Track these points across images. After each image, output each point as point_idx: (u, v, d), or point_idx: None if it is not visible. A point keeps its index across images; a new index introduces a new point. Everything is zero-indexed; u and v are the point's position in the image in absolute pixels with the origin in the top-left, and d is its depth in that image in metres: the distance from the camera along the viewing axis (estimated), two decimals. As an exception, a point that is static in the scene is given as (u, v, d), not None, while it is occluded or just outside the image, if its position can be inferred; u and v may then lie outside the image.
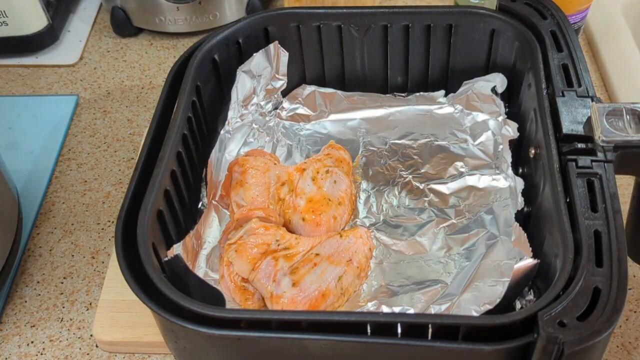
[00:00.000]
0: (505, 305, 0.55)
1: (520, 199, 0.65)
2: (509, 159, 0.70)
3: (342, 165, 0.72)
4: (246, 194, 0.67)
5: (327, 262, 0.61)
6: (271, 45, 0.75)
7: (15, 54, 0.96)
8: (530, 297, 0.58)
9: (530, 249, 0.58)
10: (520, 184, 0.67)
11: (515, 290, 0.56)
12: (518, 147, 0.70)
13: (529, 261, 0.55)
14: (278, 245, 0.63)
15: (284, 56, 0.76)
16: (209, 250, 0.66)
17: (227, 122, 0.73)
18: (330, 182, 0.69)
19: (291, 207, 0.67)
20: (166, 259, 0.55)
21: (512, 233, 0.64)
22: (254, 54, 0.74)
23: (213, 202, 0.70)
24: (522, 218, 0.65)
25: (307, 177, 0.69)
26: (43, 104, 0.89)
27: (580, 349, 0.46)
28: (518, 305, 0.57)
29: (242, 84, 0.74)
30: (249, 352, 0.52)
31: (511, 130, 0.71)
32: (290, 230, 0.67)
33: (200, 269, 0.65)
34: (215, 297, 0.52)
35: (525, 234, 0.60)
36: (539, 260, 0.55)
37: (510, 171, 0.70)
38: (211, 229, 0.68)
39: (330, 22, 0.74)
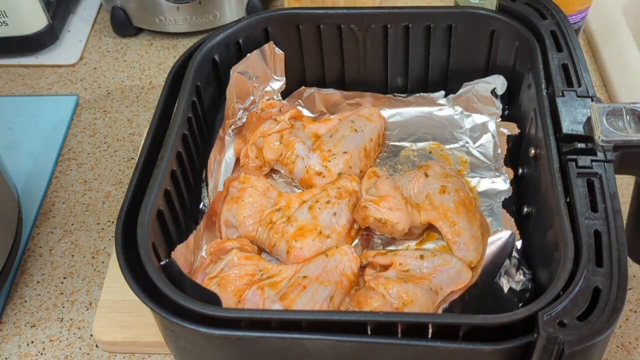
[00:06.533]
0: (488, 279, 0.55)
1: (508, 186, 0.67)
2: (504, 154, 0.71)
3: (352, 197, 0.68)
4: (239, 212, 0.66)
5: (317, 283, 0.60)
6: (266, 46, 0.74)
7: (15, 54, 0.96)
8: (520, 277, 0.57)
9: (516, 226, 0.59)
10: (510, 173, 0.68)
11: (495, 263, 0.55)
12: (518, 147, 0.70)
13: (504, 233, 0.55)
14: (262, 275, 0.61)
15: (280, 56, 0.76)
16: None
17: (224, 123, 0.73)
18: (329, 213, 0.66)
19: (279, 232, 0.65)
20: (162, 262, 0.55)
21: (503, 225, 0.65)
22: (248, 55, 0.73)
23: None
24: (522, 218, 0.65)
25: (305, 206, 0.66)
26: (43, 104, 0.89)
27: (580, 349, 0.46)
28: (506, 285, 0.56)
29: (239, 85, 0.73)
30: (249, 352, 0.52)
31: (508, 130, 0.71)
32: (273, 254, 0.66)
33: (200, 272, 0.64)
34: (211, 298, 0.52)
35: (513, 219, 0.62)
36: (513, 232, 0.56)
37: (503, 168, 0.70)
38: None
39: (330, 23, 0.74)
